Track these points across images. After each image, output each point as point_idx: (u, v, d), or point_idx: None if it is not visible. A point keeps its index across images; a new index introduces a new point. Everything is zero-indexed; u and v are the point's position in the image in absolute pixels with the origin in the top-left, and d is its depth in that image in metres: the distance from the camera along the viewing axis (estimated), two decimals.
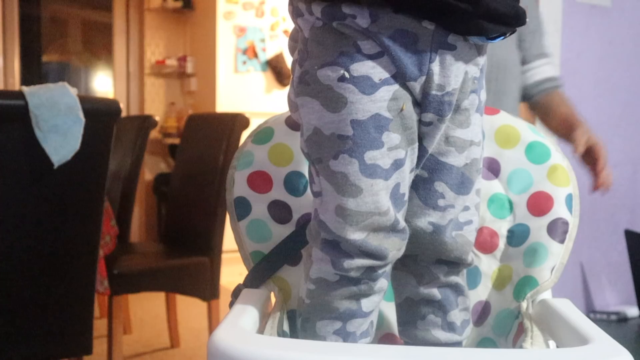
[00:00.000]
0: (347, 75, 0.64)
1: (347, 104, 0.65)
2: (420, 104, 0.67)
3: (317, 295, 0.72)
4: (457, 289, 0.77)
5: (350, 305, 0.71)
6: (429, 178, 0.71)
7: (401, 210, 0.69)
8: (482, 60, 0.70)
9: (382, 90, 0.64)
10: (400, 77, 0.65)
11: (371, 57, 0.64)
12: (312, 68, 0.66)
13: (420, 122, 0.68)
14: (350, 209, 0.66)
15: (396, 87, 0.65)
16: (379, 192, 0.66)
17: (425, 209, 0.72)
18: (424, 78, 0.65)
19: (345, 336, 0.71)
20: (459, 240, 0.73)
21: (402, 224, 0.69)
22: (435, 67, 0.65)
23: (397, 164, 0.66)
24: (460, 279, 0.77)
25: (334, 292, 0.70)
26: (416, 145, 0.69)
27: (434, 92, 0.66)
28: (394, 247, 0.68)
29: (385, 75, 0.65)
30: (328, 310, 0.71)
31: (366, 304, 0.71)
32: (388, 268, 0.71)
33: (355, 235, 0.66)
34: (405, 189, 0.69)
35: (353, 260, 0.67)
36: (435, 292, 0.76)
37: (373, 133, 0.65)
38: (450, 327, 0.77)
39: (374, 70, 0.64)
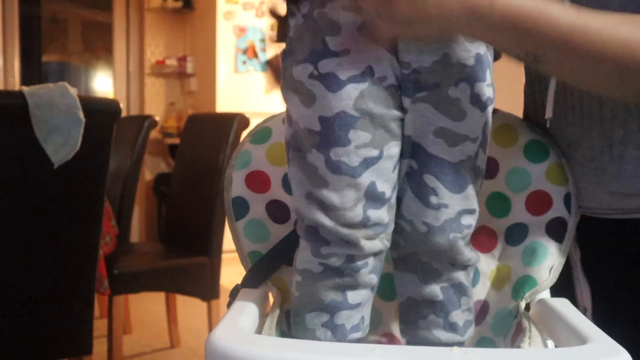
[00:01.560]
0: (315, 72, 0.66)
1: (315, 100, 0.67)
2: (400, 88, 0.68)
3: (303, 287, 0.73)
4: (460, 289, 0.77)
5: (336, 296, 0.71)
6: (418, 170, 0.71)
7: (381, 208, 0.69)
8: (472, 46, 0.69)
9: (348, 87, 0.66)
10: (369, 74, 0.66)
11: (337, 54, 0.66)
12: (290, 65, 0.69)
13: (402, 108, 0.69)
14: (317, 196, 0.68)
15: (364, 85, 0.66)
16: (344, 188, 0.67)
17: (420, 206, 0.71)
18: (394, 58, 0.67)
19: (333, 329, 0.72)
20: (454, 244, 0.73)
21: (375, 220, 0.69)
22: (401, 44, 0.66)
23: (369, 162, 0.67)
24: (464, 279, 0.77)
25: (319, 282, 0.71)
26: (399, 141, 0.69)
27: (403, 71, 0.67)
28: (366, 237, 0.69)
29: (352, 72, 0.66)
30: (314, 301, 0.72)
31: (352, 296, 0.71)
32: (372, 262, 0.71)
33: (326, 221, 0.68)
34: (384, 187, 0.69)
35: (329, 247, 0.68)
36: (437, 292, 0.76)
37: (338, 130, 0.66)
38: (452, 327, 0.77)
39: (339, 67, 0.66)
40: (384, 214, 0.70)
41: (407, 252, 0.75)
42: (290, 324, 0.79)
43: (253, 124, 0.93)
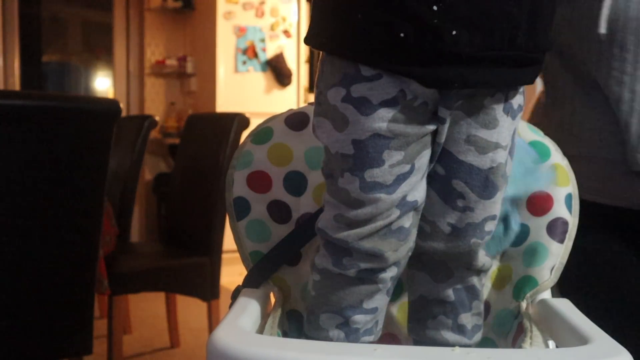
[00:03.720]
0: (347, 96, 0.65)
1: (348, 124, 0.66)
2: (438, 100, 0.66)
3: (320, 287, 0.73)
4: (472, 292, 0.77)
5: (353, 301, 0.71)
6: (445, 176, 0.70)
7: (407, 213, 0.69)
8: None
9: (380, 111, 0.65)
10: (401, 97, 0.65)
11: (369, 79, 0.65)
12: (324, 88, 0.68)
13: (435, 120, 0.68)
14: (348, 217, 0.67)
15: (397, 109, 0.65)
16: (379, 203, 0.67)
17: (444, 208, 0.71)
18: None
19: (347, 331, 0.72)
20: (473, 249, 0.73)
21: (404, 230, 0.69)
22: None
23: (401, 178, 0.67)
24: (477, 282, 0.77)
25: (337, 285, 0.71)
26: (428, 150, 0.69)
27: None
28: (390, 248, 0.68)
29: (384, 97, 0.65)
30: (331, 303, 0.72)
31: (368, 302, 0.71)
32: (392, 271, 0.71)
33: (351, 238, 0.67)
34: (415, 196, 0.69)
35: (352, 258, 0.68)
36: (449, 292, 0.76)
37: (372, 152, 0.66)
38: (460, 329, 0.76)
39: (371, 92, 0.65)
40: (412, 221, 0.70)
41: (423, 252, 0.75)
42: (290, 324, 0.79)
43: (253, 124, 0.93)
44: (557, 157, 0.87)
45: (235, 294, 0.81)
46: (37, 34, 4.51)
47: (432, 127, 0.67)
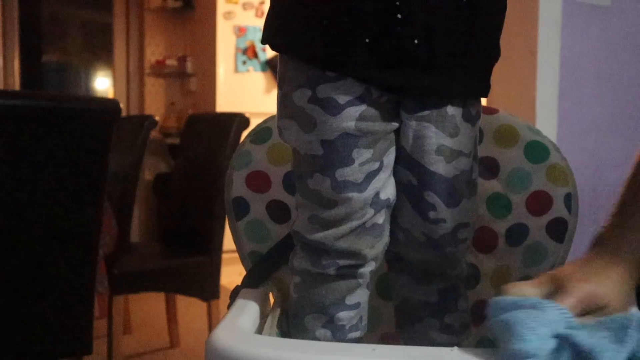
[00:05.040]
0: (313, 97, 0.66)
1: (316, 125, 0.67)
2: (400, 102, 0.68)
3: (302, 289, 0.73)
4: (456, 291, 0.77)
5: (335, 299, 0.72)
6: (418, 186, 0.71)
7: (380, 211, 0.70)
8: None
9: (347, 110, 0.66)
10: (367, 96, 0.66)
11: (333, 79, 0.65)
12: (289, 90, 0.68)
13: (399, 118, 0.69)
14: (323, 218, 0.68)
15: (363, 107, 0.66)
16: (351, 202, 0.67)
17: (418, 219, 0.72)
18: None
19: (333, 330, 0.72)
20: (450, 258, 0.73)
21: (378, 227, 0.70)
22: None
23: (371, 176, 0.68)
24: (459, 281, 0.77)
25: (318, 284, 0.72)
26: (394, 147, 0.70)
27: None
28: (367, 246, 0.69)
29: (350, 96, 0.66)
30: (314, 304, 0.72)
31: (350, 298, 0.72)
32: (371, 266, 0.72)
33: (327, 240, 0.68)
34: (387, 194, 0.70)
35: (330, 257, 0.69)
36: (433, 294, 0.76)
37: (342, 152, 0.66)
38: (448, 329, 0.77)
39: (337, 92, 0.65)
40: (385, 217, 0.71)
41: (403, 257, 0.75)
42: (289, 325, 0.80)
43: (253, 124, 0.93)
44: (556, 156, 0.87)
45: (234, 294, 0.81)
46: (37, 34, 4.51)
47: (396, 125, 0.68)
